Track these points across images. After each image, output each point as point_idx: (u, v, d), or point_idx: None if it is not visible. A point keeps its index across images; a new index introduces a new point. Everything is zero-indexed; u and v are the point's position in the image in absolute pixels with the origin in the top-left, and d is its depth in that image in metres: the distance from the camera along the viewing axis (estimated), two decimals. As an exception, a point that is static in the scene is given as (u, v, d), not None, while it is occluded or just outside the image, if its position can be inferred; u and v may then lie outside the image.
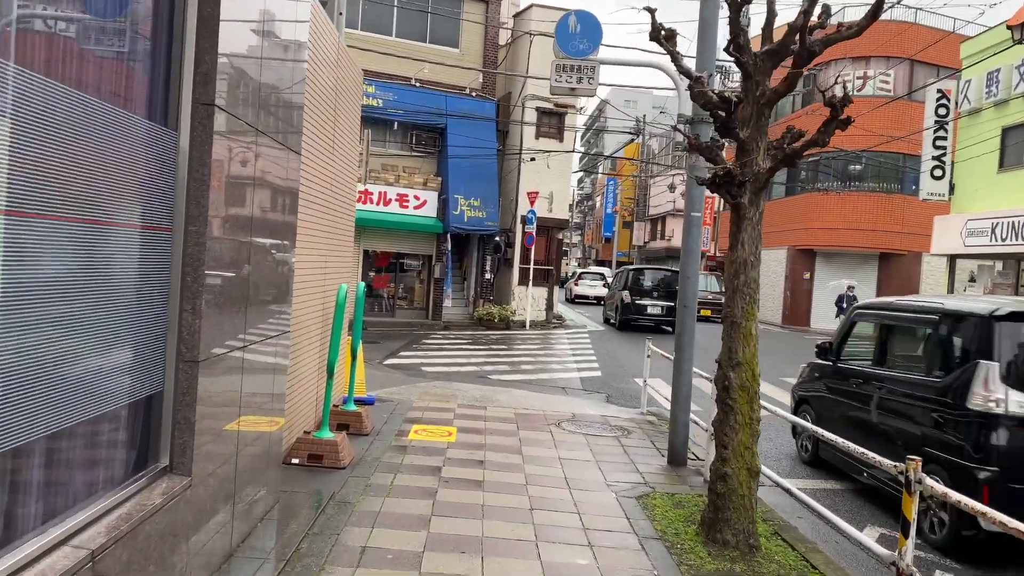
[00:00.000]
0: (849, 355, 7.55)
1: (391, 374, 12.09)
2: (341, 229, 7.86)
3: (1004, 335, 5.40)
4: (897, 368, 6.63)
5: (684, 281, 7.10)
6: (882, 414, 6.43)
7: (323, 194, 6.82)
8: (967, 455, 5.26)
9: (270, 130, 4.40)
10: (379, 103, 20.34)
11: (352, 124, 8.23)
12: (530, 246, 21.63)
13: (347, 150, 7.91)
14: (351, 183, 8.43)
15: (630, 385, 12.89)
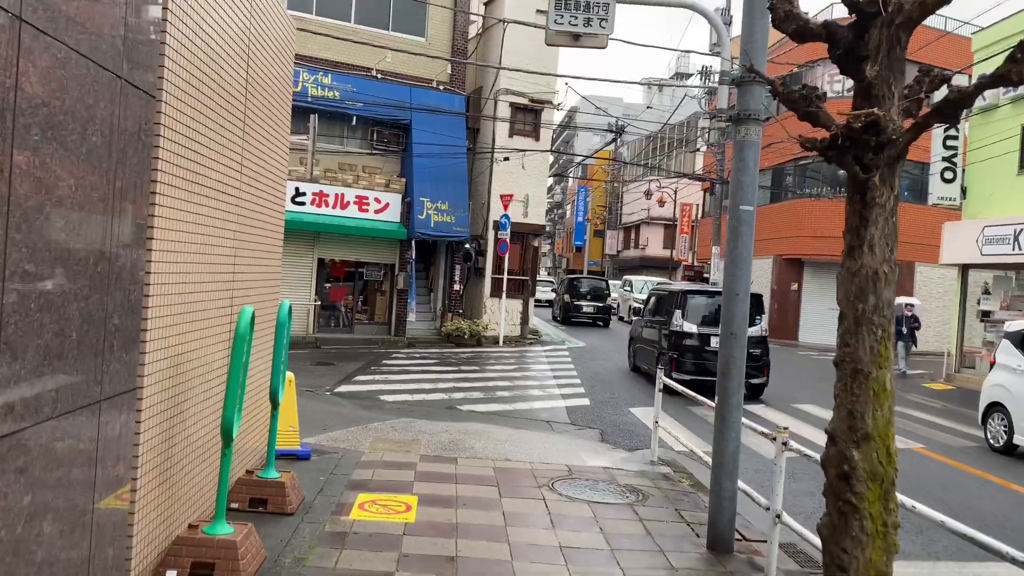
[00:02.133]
0: (645, 312, 15.51)
1: (341, 407, 9.99)
2: (262, 232, 5.81)
3: (687, 299, 13.48)
4: (657, 315, 14.41)
5: (730, 300, 5.17)
6: (652, 336, 14.33)
7: (228, 181, 4.78)
8: (669, 347, 13.21)
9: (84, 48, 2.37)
10: (335, 95, 18.25)
11: (278, 102, 6.19)
12: (503, 254, 19.66)
13: (269, 133, 5.87)
14: (277, 175, 6.39)
15: (625, 417, 10.95)
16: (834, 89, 26.15)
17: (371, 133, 19.37)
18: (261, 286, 5.84)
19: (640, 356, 15.19)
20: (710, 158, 33.15)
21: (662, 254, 48.10)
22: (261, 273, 5.86)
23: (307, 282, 18.41)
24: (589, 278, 32.45)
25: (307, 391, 11.30)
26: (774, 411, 12.24)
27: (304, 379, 12.75)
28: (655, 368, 11.21)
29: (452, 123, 19.44)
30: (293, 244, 18.12)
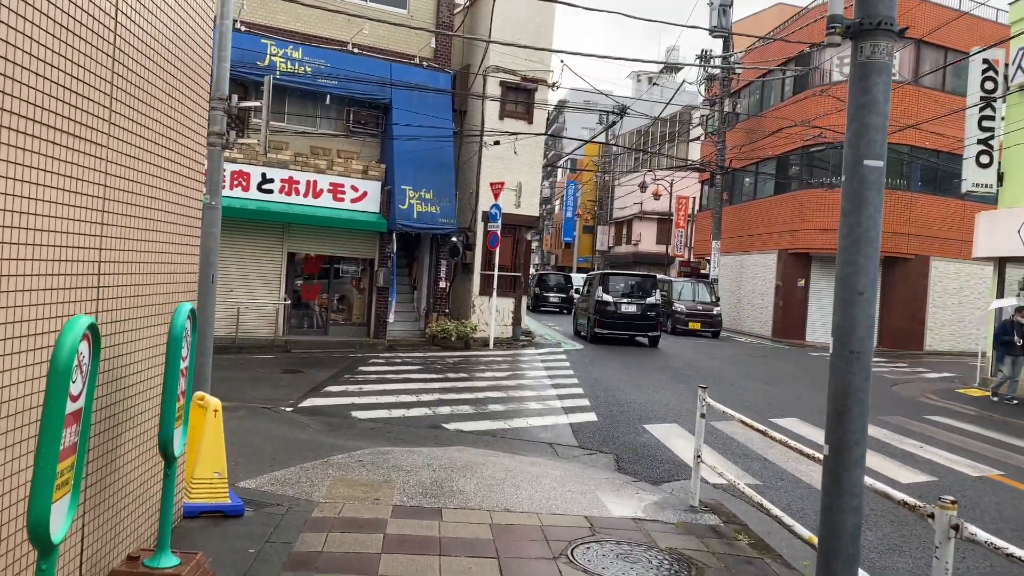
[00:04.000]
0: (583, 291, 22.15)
1: (301, 430, 8.21)
2: (160, 211, 4.03)
3: (606, 280, 20.54)
4: (589, 292, 20.79)
5: (848, 301, 3.45)
6: (585, 306, 20.95)
7: (79, 127, 3.00)
8: (595, 311, 19.88)
9: None
10: (306, 71, 16.43)
11: (183, 41, 4.41)
12: (494, 248, 17.90)
13: (165, 71, 4.08)
14: (186, 133, 4.61)
15: (641, 437, 9.24)
16: (843, 72, 24.54)
17: (347, 114, 17.54)
18: (157, 287, 4.05)
19: (579, 321, 22.48)
20: (708, 149, 31.52)
21: (656, 250, 46.49)
22: (160, 269, 4.08)
23: (276, 279, 16.58)
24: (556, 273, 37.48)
25: (264, 407, 9.53)
26: (809, 426, 10.58)
27: (264, 391, 10.97)
28: (589, 330, 20.53)
29: (437, 103, 17.65)
30: (260, 236, 16.29)
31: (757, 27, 30.08)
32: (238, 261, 16.15)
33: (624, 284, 20.56)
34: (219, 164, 8.96)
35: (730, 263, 30.00)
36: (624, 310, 19.91)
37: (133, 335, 3.72)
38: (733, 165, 28.40)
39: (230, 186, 15.76)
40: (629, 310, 19.99)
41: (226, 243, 15.95)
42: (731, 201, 30.75)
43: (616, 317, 19.87)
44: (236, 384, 11.43)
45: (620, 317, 19.89)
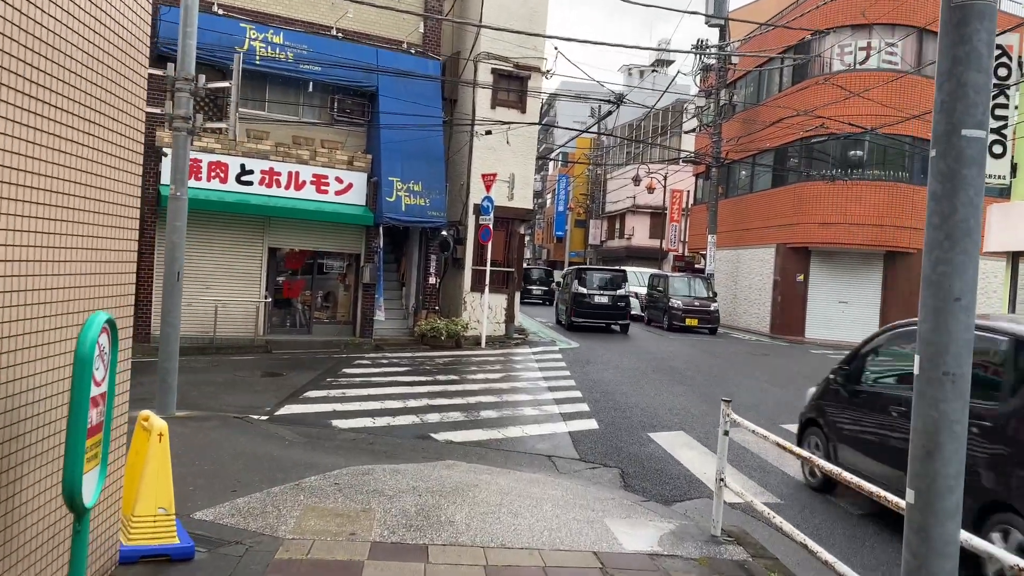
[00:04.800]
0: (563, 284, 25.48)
1: (273, 444, 7.44)
2: (70, 196, 3.26)
3: (582, 274, 22.44)
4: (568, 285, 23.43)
5: (941, 310, 2.71)
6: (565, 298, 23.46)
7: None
8: (572, 302, 22.13)
9: None
10: (288, 57, 15.59)
11: None
12: (486, 242, 17.14)
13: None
14: (111, 114, 3.83)
15: (647, 448, 8.53)
16: (844, 62, 23.89)
17: (331, 102, 16.72)
18: (69, 291, 3.27)
19: (560, 312, 24.67)
20: (703, 141, 30.82)
21: (649, 244, 45.83)
22: (75, 270, 3.31)
23: (256, 275, 15.76)
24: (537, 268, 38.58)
25: (236, 416, 8.75)
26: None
27: (239, 397, 10.20)
28: (567, 318, 22.83)
29: (426, 91, 16.85)
30: (239, 231, 15.50)
31: (755, 15, 29.34)
32: (216, 257, 15.33)
33: (597, 278, 22.65)
34: (185, 151, 8.17)
35: (726, 257, 29.36)
36: (597, 301, 22.10)
37: (36, 352, 2.95)
38: (730, 157, 27.72)
39: (207, 177, 14.93)
40: (602, 301, 22.09)
41: (203, 238, 15.17)
42: (727, 194, 30.09)
43: (590, 307, 22.08)
44: (209, 389, 10.66)
45: (594, 307, 22.08)
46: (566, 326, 22.86)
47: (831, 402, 7.25)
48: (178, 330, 8.21)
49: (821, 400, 7.49)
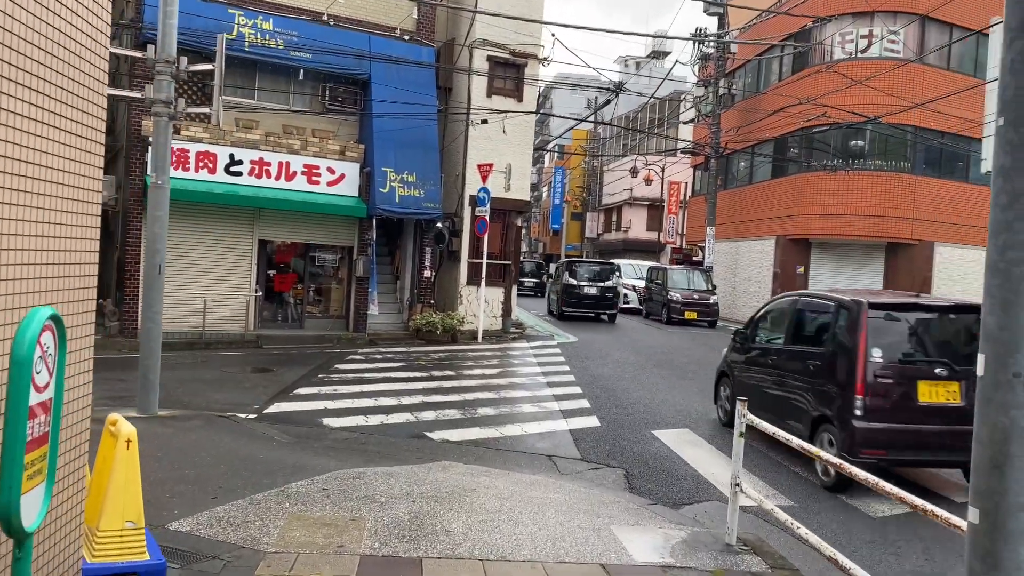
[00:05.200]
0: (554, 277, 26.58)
1: (259, 445, 7.06)
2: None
3: (572, 266, 23.30)
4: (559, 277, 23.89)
5: (1012, 300, 2.35)
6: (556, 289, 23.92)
7: None
8: (563, 292, 22.66)
9: None
10: (278, 44, 15.16)
11: None
12: (482, 234, 16.76)
13: None
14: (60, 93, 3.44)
15: (650, 446, 8.18)
16: (845, 50, 23.52)
17: (323, 90, 16.29)
18: (9, 283, 2.89)
19: (551, 303, 25.26)
20: (701, 131, 30.43)
21: (646, 237, 45.48)
22: (15, 259, 2.92)
23: (246, 269, 15.35)
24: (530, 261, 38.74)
25: (222, 415, 8.38)
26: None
27: (226, 394, 9.82)
28: (560, 308, 23.12)
29: (420, 79, 16.43)
30: (228, 223, 15.09)
31: (755, 2, 28.89)
32: (205, 250, 14.91)
33: (587, 270, 23.40)
34: (166, 137, 7.77)
35: (725, 250, 29.01)
36: (586, 292, 22.77)
37: (-30, 354, 2.57)
38: (729, 148, 27.35)
39: (195, 168, 14.51)
40: (591, 292, 22.75)
41: (191, 230, 14.75)
42: (725, 186, 29.71)
43: (579, 298, 22.74)
44: (196, 386, 10.28)
45: (583, 298, 22.74)
46: (557, 316, 23.56)
47: (734, 358, 9.26)
48: (160, 326, 7.83)
49: (728, 357, 9.45)
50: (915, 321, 7.18)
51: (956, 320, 7.36)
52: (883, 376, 6.76)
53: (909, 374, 6.81)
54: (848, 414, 6.75)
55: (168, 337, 14.10)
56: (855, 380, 6.74)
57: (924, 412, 6.72)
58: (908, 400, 6.73)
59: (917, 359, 7.02)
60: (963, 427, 6.26)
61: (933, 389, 6.75)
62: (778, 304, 8.92)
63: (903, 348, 7.02)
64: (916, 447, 6.72)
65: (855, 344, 6.85)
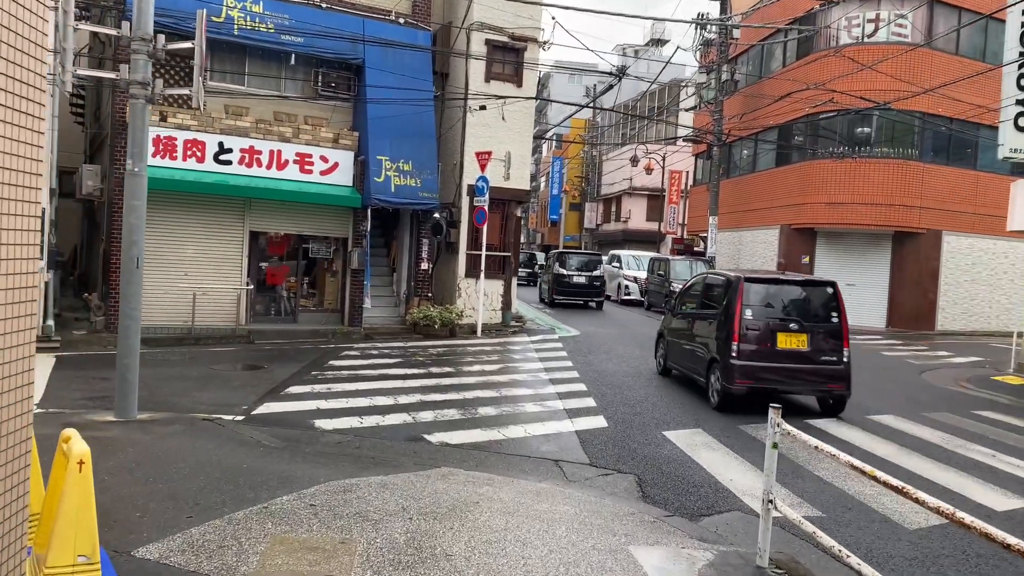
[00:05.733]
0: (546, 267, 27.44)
1: (248, 449, 6.57)
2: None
3: (563, 257, 24.97)
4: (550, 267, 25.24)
5: None
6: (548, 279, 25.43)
7: None
8: (554, 282, 24.19)
9: None
10: (269, 27, 14.58)
11: None
12: (481, 225, 16.25)
13: None
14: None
15: (662, 449, 7.70)
16: (852, 35, 22.95)
17: (315, 76, 15.71)
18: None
19: (543, 291, 26.59)
20: (703, 119, 29.84)
21: (646, 227, 44.93)
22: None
23: (237, 261, 14.82)
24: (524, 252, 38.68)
25: (207, 418, 7.88)
26: (849, 427, 9.09)
27: (213, 394, 9.32)
28: (551, 296, 24.63)
29: (415, 64, 15.86)
30: (218, 213, 14.57)
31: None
32: (194, 241, 14.38)
33: (576, 260, 25.05)
34: (143, 121, 7.22)
35: (728, 239, 28.50)
36: (575, 281, 24.31)
37: None
38: (732, 136, 26.80)
39: (183, 156, 13.96)
40: (579, 281, 24.33)
41: (180, 221, 14.22)
42: (728, 174, 29.16)
43: (569, 286, 24.32)
44: (182, 385, 9.77)
45: (572, 286, 24.31)
46: (548, 303, 25.01)
47: (666, 322, 12.28)
48: (139, 322, 7.32)
49: (663, 322, 12.58)
50: (777, 291, 9.89)
51: (807, 291, 10.05)
52: (752, 329, 9.41)
53: (771, 328, 9.45)
54: (728, 356, 9.38)
55: (156, 333, 13.63)
56: (733, 332, 9.36)
57: (781, 355, 9.38)
58: (770, 346, 9.39)
59: (777, 317, 9.57)
60: (808, 365, 9.42)
61: (788, 338, 9.44)
62: (694, 281, 11.76)
63: (768, 310, 9.64)
64: (775, 379, 9.36)
65: (734, 306, 9.48)
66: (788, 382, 9.45)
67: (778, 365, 9.35)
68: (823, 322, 9.61)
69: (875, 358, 15.91)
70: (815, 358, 9.41)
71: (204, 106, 7.26)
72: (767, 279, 10.07)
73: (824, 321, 9.63)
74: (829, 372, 9.46)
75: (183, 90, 7.44)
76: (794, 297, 9.93)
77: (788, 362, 9.39)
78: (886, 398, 11.28)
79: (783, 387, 9.47)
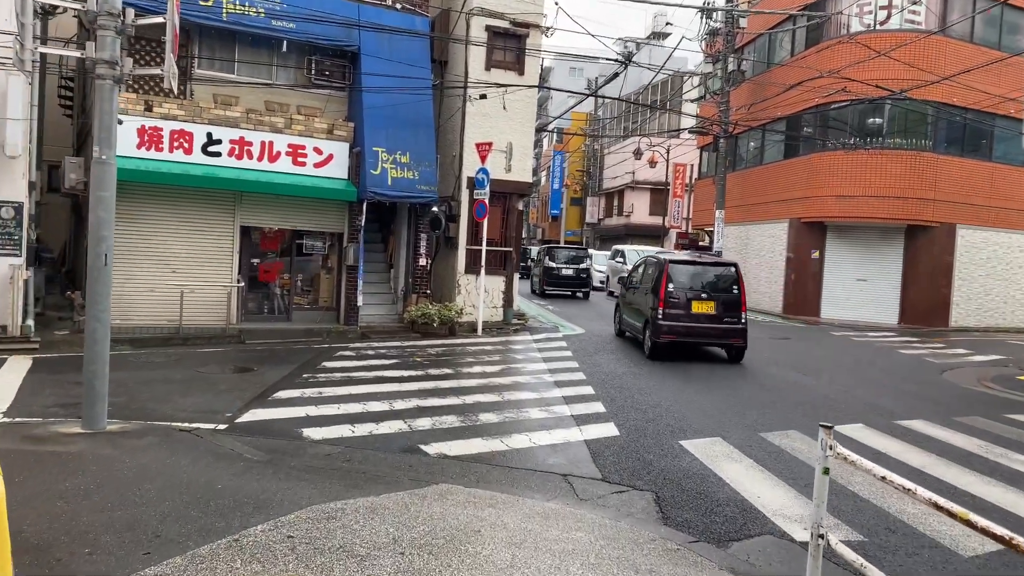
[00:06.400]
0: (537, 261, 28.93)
1: (226, 464, 5.96)
2: None
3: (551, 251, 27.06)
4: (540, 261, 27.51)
5: None
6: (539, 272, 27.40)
7: None
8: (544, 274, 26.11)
9: None
10: (259, 12, 13.93)
11: None
12: (481, 219, 15.61)
13: None
14: None
15: (680, 461, 7.08)
16: (864, 22, 22.27)
17: (308, 63, 15.05)
18: None
19: (534, 284, 28.01)
20: (709, 110, 29.15)
21: (649, 221, 44.28)
22: None
23: (227, 257, 14.19)
24: None
25: (185, 428, 7.28)
26: (878, 434, 8.46)
27: (196, 399, 8.70)
28: (541, 287, 26.52)
29: (413, 51, 15.21)
30: (207, 207, 13.95)
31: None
32: (182, 237, 13.75)
33: (564, 254, 27.25)
34: (111, 104, 6.58)
35: (734, 234, 27.85)
36: (564, 273, 26.21)
37: None
38: (739, 127, 26.12)
39: (169, 148, 13.33)
40: (567, 273, 26.26)
41: (167, 216, 13.58)
42: (734, 167, 28.48)
43: (558, 278, 26.21)
44: (164, 389, 9.15)
45: (561, 278, 26.19)
46: (540, 294, 26.76)
47: (621, 294, 15.74)
48: (108, 325, 6.69)
49: (619, 295, 15.98)
50: (694, 270, 13.08)
51: (716, 270, 13.24)
52: (674, 297, 12.58)
53: (688, 296, 12.62)
54: (656, 316, 12.65)
55: (142, 333, 13.00)
56: (659, 299, 12.57)
57: (695, 317, 12.60)
58: (687, 310, 12.60)
59: (693, 289, 12.74)
60: (715, 325, 12.64)
61: (700, 304, 12.65)
62: (639, 262, 15.27)
63: (686, 283, 12.77)
64: (690, 335, 12.69)
65: (660, 280, 12.72)
66: (700, 337, 12.84)
67: (693, 325, 12.62)
68: (726, 293, 12.79)
69: (892, 356, 15.28)
70: (720, 319, 12.67)
71: (176, 87, 6.63)
72: (686, 261, 13.46)
73: (727, 292, 12.81)
74: (731, 330, 12.73)
75: (154, 70, 6.81)
76: (706, 274, 13.08)
77: (700, 323, 12.66)
78: (911, 401, 10.65)
79: (697, 341, 12.91)
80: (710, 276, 12.97)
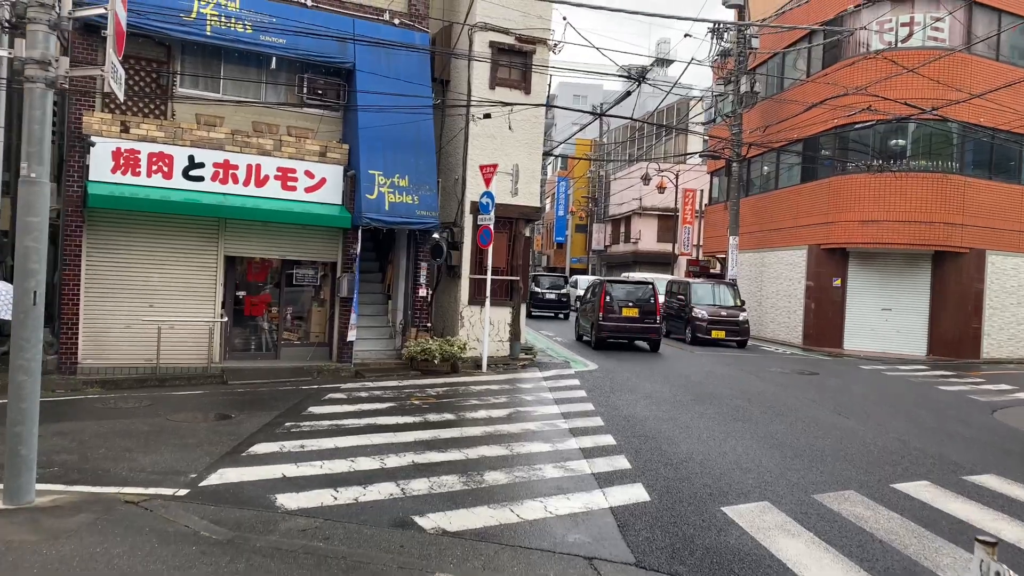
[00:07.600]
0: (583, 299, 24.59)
1: (174, 550, 4.77)
2: None
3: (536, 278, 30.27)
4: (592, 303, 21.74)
5: None
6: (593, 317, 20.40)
7: None
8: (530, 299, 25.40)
9: None
10: (247, 27, 12.96)
11: None
12: (486, 246, 14.50)
13: None
14: None
15: (727, 537, 5.87)
16: (884, 40, 21.32)
17: (300, 81, 14.05)
18: None
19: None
20: (721, 133, 28.17)
21: (657, 248, 43.20)
22: None
23: (210, 290, 13.07)
24: None
25: (132, 498, 6.10)
26: (947, 494, 7.23)
27: (159, 456, 7.51)
28: (528, 310, 24.52)
29: (412, 68, 14.22)
30: (188, 236, 12.88)
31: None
32: (160, 268, 12.65)
33: (547, 281, 30.91)
34: (42, 111, 5.47)
35: (749, 261, 26.72)
36: (547, 297, 29.92)
37: None
38: (752, 150, 25.11)
39: (147, 172, 12.29)
40: (550, 297, 30.08)
41: (144, 246, 12.50)
42: (747, 192, 27.44)
43: (542, 302, 29.83)
44: (124, 444, 7.97)
45: (544, 302, 29.89)
46: (527, 315, 21.56)
47: (579, 307, 22.03)
48: (36, 377, 5.55)
49: (579, 308, 22.11)
50: (624, 287, 18.97)
51: (639, 286, 18.91)
52: (610, 306, 18.09)
53: (619, 305, 18.11)
54: (597, 320, 18.22)
55: (115, 374, 11.86)
56: (600, 307, 18.13)
57: (625, 319, 18.14)
58: (618, 314, 18.09)
59: (623, 299, 18.24)
60: (639, 324, 18.31)
61: (627, 310, 18.14)
62: (590, 284, 20.81)
63: (619, 295, 18.34)
64: (621, 334, 18.43)
65: (600, 295, 18.29)
66: (629, 334, 18.51)
67: (624, 324, 18.21)
68: (646, 303, 18.30)
69: (933, 394, 14.03)
70: (642, 321, 18.20)
71: (115, 90, 5.52)
72: (618, 281, 20.20)
73: (647, 302, 18.31)
74: (650, 328, 18.31)
75: (92, 70, 5.73)
76: (632, 289, 18.75)
77: (628, 323, 18.22)
78: (972, 449, 9.42)
79: (627, 337, 18.64)
80: (635, 291, 18.64)
